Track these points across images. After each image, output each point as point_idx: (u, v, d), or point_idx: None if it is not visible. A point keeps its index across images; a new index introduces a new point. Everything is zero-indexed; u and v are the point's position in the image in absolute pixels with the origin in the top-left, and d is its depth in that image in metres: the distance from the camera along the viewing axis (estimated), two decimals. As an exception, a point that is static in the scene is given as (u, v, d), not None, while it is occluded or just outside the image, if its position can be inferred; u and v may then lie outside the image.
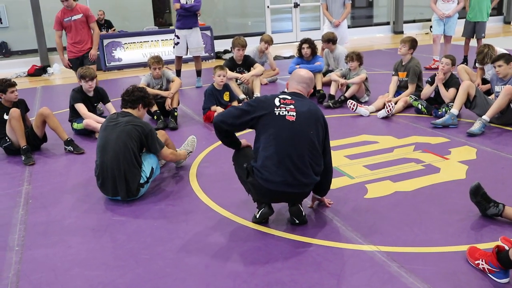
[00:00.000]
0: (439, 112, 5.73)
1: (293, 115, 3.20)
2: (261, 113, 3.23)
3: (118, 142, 3.85)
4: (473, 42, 9.12)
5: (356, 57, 6.67)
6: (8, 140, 5.15)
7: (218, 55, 12.01)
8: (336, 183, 4.06)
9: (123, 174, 3.83)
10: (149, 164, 4.04)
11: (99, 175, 3.96)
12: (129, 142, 3.86)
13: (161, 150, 4.11)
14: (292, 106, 3.24)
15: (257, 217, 3.41)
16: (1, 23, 14.28)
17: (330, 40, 7.54)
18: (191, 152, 4.70)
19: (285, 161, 3.15)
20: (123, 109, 4.14)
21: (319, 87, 6.84)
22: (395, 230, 3.26)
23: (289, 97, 3.31)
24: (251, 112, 3.26)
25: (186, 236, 3.33)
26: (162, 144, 4.15)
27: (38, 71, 10.75)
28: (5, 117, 5.13)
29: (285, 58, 11.24)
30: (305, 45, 7.00)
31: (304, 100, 3.35)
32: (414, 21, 16.73)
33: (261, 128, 3.25)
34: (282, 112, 3.21)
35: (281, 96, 3.32)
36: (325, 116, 3.41)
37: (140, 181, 3.92)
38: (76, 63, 6.93)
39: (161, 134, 4.37)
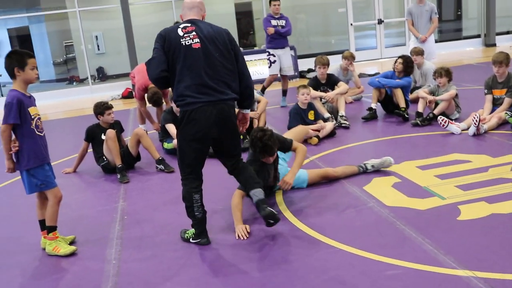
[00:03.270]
0: (538, 129, 5.37)
1: (197, 42, 3.39)
2: (172, 48, 3.38)
3: None
4: None
5: (445, 73, 6.44)
6: (105, 159, 5.50)
7: (301, 74, 12.10)
8: (426, 203, 3.93)
9: None
10: None
11: None
12: None
13: None
14: (194, 33, 3.41)
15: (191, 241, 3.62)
16: (99, 49, 15.35)
17: (421, 53, 7.49)
18: None
19: (203, 89, 3.36)
20: None
21: (402, 104, 6.67)
22: (492, 254, 3.08)
23: (189, 24, 3.46)
24: (163, 48, 3.40)
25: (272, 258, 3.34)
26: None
27: (132, 94, 11.37)
28: (103, 137, 5.48)
29: (369, 75, 11.07)
30: (399, 60, 6.90)
31: (201, 24, 3.50)
32: (508, 33, 15.88)
33: (173, 60, 3.40)
34: (188, 42, 3.38)
35: (181, 26, 3.46)
36: (413, 135, 3.32)
37: None
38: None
39: None
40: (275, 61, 8.38)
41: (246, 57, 11.42)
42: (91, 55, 14.53)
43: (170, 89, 6.76)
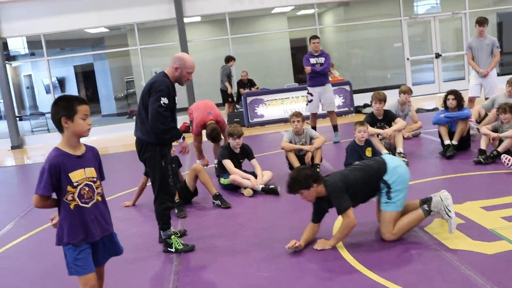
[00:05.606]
0: None
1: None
2: None
3: None
4: None
5: (509, 108, 6.20)
6: (163, 193, 5.59)
7: (357, 109, 12.00)
8: (493, 247, 3.73)
9: None
10: None
11: None
12: None
13: None
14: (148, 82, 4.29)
15: None
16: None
17: None
18: None
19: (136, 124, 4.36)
20: None
21: (455, 140, 6.63)
22: None
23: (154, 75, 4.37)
24: None
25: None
26: None
27: (189, 128, 11.60)
28: (162, 172, 5.58)
29: (427, 110, 10.84)
30: (450, 97, 6.75)
31: (155, 75, 4.27)
32: None
33: None
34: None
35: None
36: (475, 173, 3.19)
37: None
38: None
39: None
40: (311, 100, 8.51)
41: (301, 93, 11.67)
42: (150, 90, 15.00)
43: (228, 125, 6.93)
